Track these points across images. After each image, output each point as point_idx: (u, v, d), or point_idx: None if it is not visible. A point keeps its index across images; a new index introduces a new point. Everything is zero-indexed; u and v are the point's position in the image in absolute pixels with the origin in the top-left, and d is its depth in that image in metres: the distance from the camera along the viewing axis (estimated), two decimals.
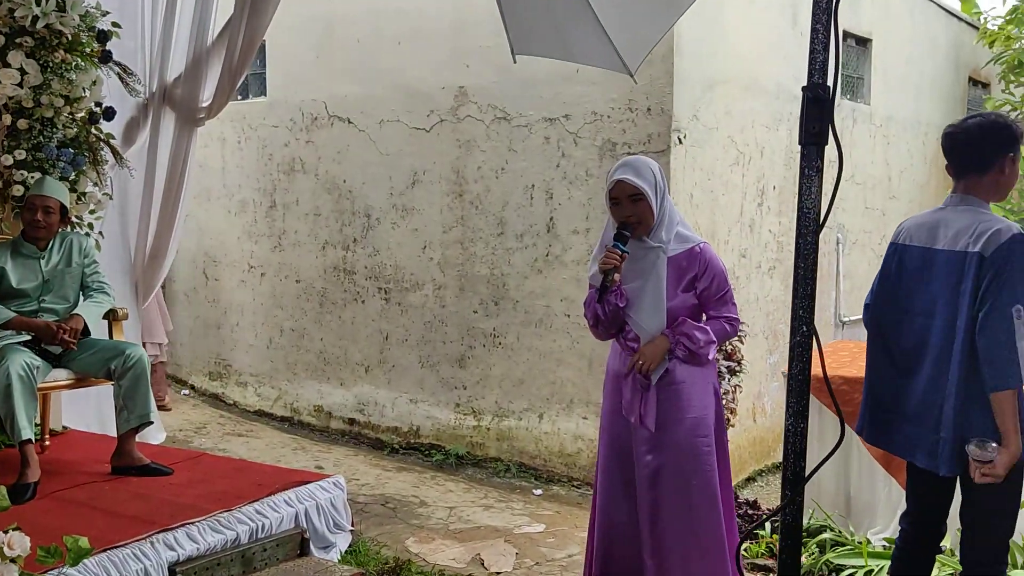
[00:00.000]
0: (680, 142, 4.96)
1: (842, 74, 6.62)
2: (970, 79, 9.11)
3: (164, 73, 5.33)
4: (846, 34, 6.65)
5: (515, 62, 3.97)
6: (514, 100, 5.45)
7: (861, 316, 7.33)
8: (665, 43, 4.79)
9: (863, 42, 6.94)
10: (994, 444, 2.59)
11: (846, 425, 4.45)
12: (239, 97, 6.67)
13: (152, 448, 4.62)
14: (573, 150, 5.25)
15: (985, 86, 9.45)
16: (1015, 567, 3.57)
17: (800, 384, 1.94)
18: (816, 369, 4.49)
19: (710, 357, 3.04)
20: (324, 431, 6.39)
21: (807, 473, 2.03)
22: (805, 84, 2.04)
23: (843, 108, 6.60)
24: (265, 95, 6.72)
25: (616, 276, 3.02)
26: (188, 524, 3.51)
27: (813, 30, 1.94)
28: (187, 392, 7.14)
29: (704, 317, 3.10)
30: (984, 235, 2.64)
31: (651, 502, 3.04)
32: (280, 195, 6.62)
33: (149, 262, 5.58)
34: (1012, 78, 8.63)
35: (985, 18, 9.03)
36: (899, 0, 7.44)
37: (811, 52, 1.96)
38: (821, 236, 6.48)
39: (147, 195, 5.47)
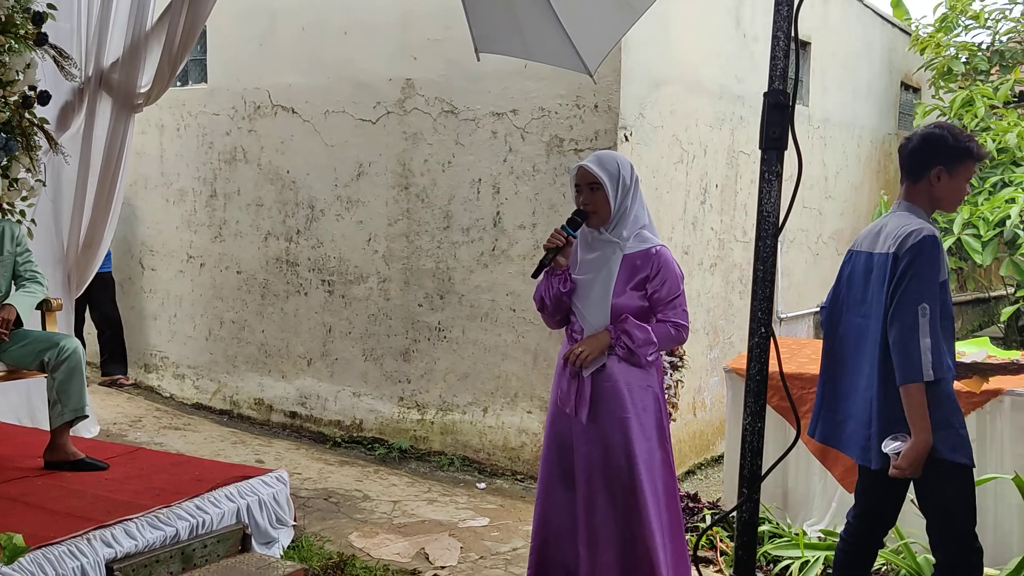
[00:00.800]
0: (626, 139, 5.01)
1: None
2: (902, 84, 9.38)
3: (101, 57, 5.19)
4: None
5: (479, 60, 3.97)
6: (462, 94, 5.44)
7: (798, 313, 7.50)
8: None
9: (802, 45, 7.09)
10: (905, 437, 2.69)
11: (784, 420, 4.55)
12: (178, 83, 6.52)
13: (86, 442, 4.51)
14: (520, 145, 5.26)
15: (916, 91, 9.74)
16: None
17: (758, 384, 1.99)
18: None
19: (650, 358, 3.03)
20: (264, 424, 6.30)
21: (763, 471, 2.08)
22: (765, 90, 2.07)
23: None
24: (206, 82, 6.58)
25: (561, 259, 3.06)
26: (126, 520, 3.44)
27: (774, 37, 1.98)
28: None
29: (653, 320, 3.10)
30: (900, 236, 2.76)
31: (586, 495, 3.07)
32: (221, 184, 6.50)
33: (82, 251, 5.43)
34: (942, 84, 8.90)
35: (917, 25, 9.30)
36: (838, 5, 7.62)
37: (772, 59, 2.01)
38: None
39: (81, 182, 5.32)
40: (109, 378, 6.84)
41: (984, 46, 8.93)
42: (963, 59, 8.69)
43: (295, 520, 4.18)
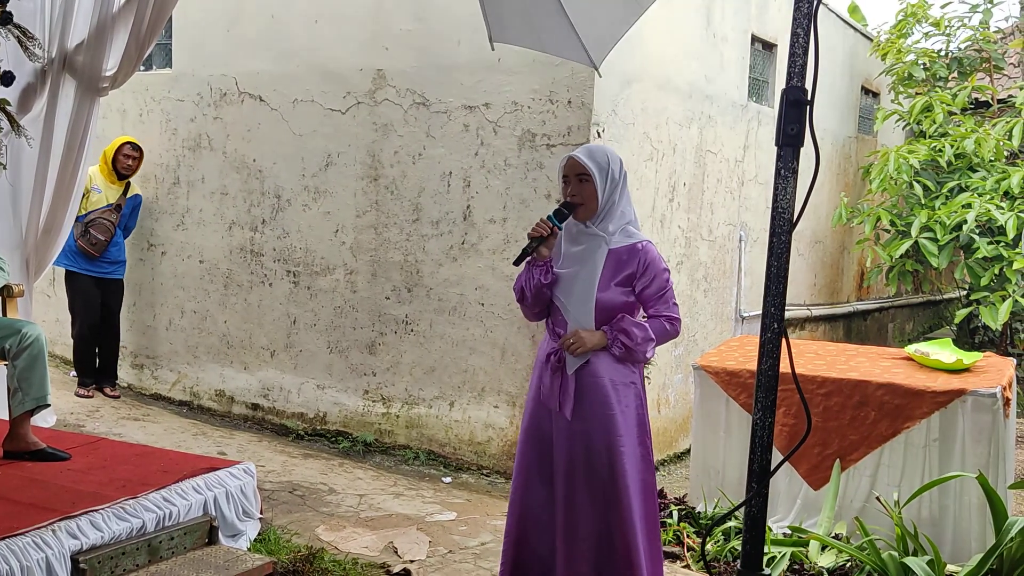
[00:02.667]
0: (599, 136, 5.03)
1: (749, 77, 6.83)
2: (863, 88, 9.54)
3: (65, 39, 5.06)
4: (754, 38, 6.86)
5: (492, 49, 3.97)
6: (434, 86, 5.41)
7: (760, 312, 7.58)
8: None
9: (769, 47, 7.17)
10: None
11: (750, 416, 4.61)
12: (142, 68, 6.36)
13: (45, 432, 4.40)
14: (492, 139, 5.25)
15: (876, 96, 9.91)
16: (909, 552, 3.78)
17: (770, 379, 2.01)
18: (724, 363, 4.63)
19: (648, 355, 3.03)
20: (226, 416, 6.21)
21: (772, 467, 2.10)
22: (785, 87, 2.07)
23: (749, 110, 6.82)
24: (170, 67, 6.45)
25: (544, 250, 3.05)
26: (91, 512, 3.38)
27: (793, 34, 2.00)
28: (76, 374, 6.81)
29: (642, 316, 3.11)
30: None
31: (566, 490, 3.06)
32: (184, 172, 6.38)
33: (42, 237, 5.29)
34: (901, 89, 9.07)
35: (878, 31, 9.47)
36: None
37: (790, 56, 2.02)
38: (724, 234, 6.66)
39: (42, 166, 5.18)
40: (88, 389, 6.37)
41: (943, 53, 9.12)
42: (923, 65, 8.86)
43: (261, 513, 4.13)
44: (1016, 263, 7.39)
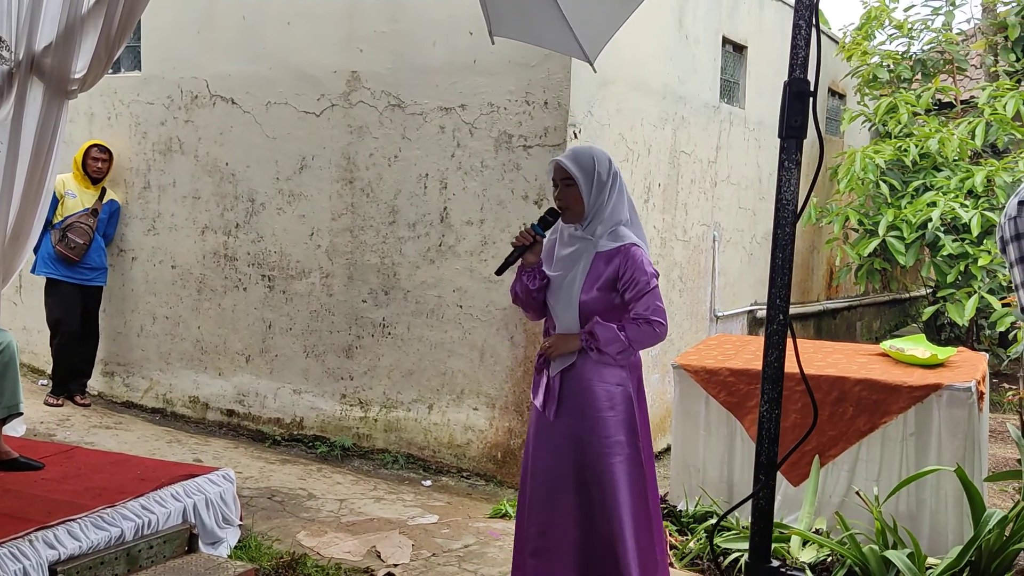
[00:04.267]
0: (576, 136, 5.04)
1: (721, 78, 6.89)
2: (829, 90, 9.67)
3: (33, 40, 4.95)
4: (725, 40, 6.93)
5: (493, 43, 3.96)
6: (409, 88, 5.38)
7: (734, 311, 7.64)
8: None
9: (739, 49, 7.24)
10: None
11: (731, 415, 4.65)
12: (110, 71, 6.28)
13: (16, 441, 4.32)
14: (469, 140, 5.24)
15: (842, 97, 10.05)
16: (888, 545, 3.82)
17: (776, 371, 2.01)
18: (703, 361, 4.65)
19: (618, 357, 2.99)
20: (200, 423, 6.13)
21: (779, 459, 2.11)
22: (787, 79, 2.06)
23: (722, 111, 6.87)
24: (139, 69, 6.36)
25: (531, 257, 3.06)
26: (69, 521, 3.32)
27: (795, 26, 2.01)
28: (45, 382, 6.68)
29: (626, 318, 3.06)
30: None
31: (546, 492, 3.05)
32: (155, 176, 6.29)
33: (10, 243, 5.17)
34: (867, 91, 9.21)
35: (843, 32, 9.60)
36: (772, 12, 7.80)
37: (792, 48, 2.03)
38: (699, 235, 6.69)
39: (9, 171, 5.06)
40: (58, 398, 6.24)
41: (907, 55, 9.27)
42: (888, 67, 9.00)
43: (241, 520, 4.08)
44: (981, 260, 7.53)
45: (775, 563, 1.98)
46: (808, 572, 3.82)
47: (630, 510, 3.01)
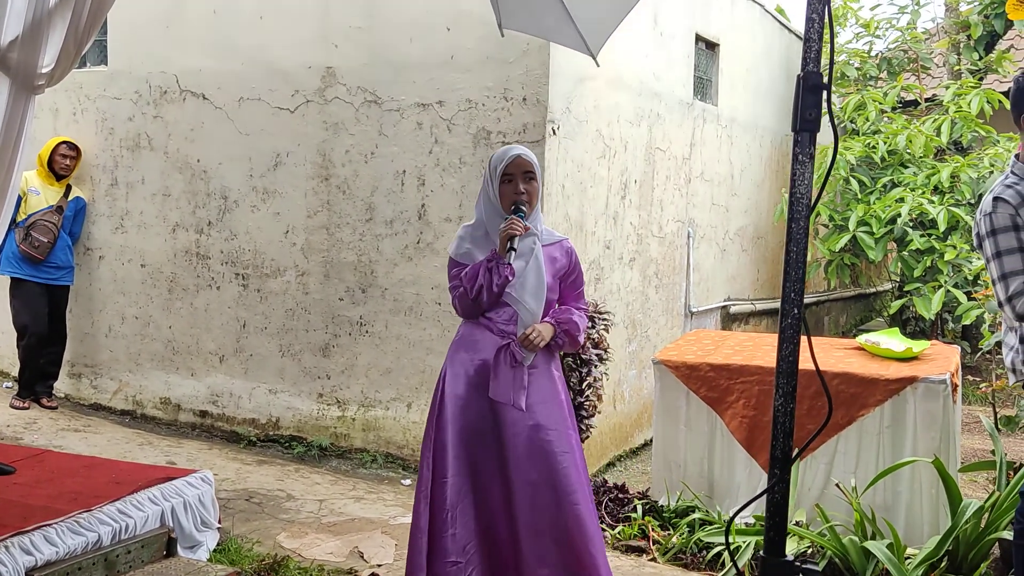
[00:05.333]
0: (554, 133, 5.03)
1: (694, 75, 6.92)
2: None
3: None
4: (698, 37, 6.96)
5: (503, 35, 3.96)
6: (386, 84, 5.33)
7: (708, 307, 7.68)
8: None
9: (712, 46, 7.28)
10: None
11: (711, 409, 4.67)
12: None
13: None
14: (447, 137, 5.20)
15: None
16: (868, 536, 3.87)
17: (790, 365, 2.01)
18: (683, 357, 4.67)
19: (577, 343, 3.24)
20: (172, 424, 6.03)
21: (795, 453, 2.10)
22: (801, 72, 2.05)
23: (695, 108, 6.90)
24: (106, 64, 6.23)
25: (517, 246, 3.10)
26: (44, 526, 3.24)
27: (808, 19, 2.00)
28: (9, 385, 6.53)
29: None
30: None
31: (520, 476, 3.08)
32: (123, 173, 6.17)
33: None
34: (834, 88, 9.32)
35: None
36: (743, 10, 7.86)
37: (805, 40, 2.02)
38: (674, 231, 6.70)
39: None
40: (25, 401, 6.08)
41: (873, 53, 9.40)
42: (855, 65, 9.11)
43: (219, 522, 4.02)
44: (947, 255, 7.65)
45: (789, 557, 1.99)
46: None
47: (587, 488, 3.17)
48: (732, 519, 2.32)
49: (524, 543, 3.07)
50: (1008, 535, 3.62)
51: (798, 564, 1.99)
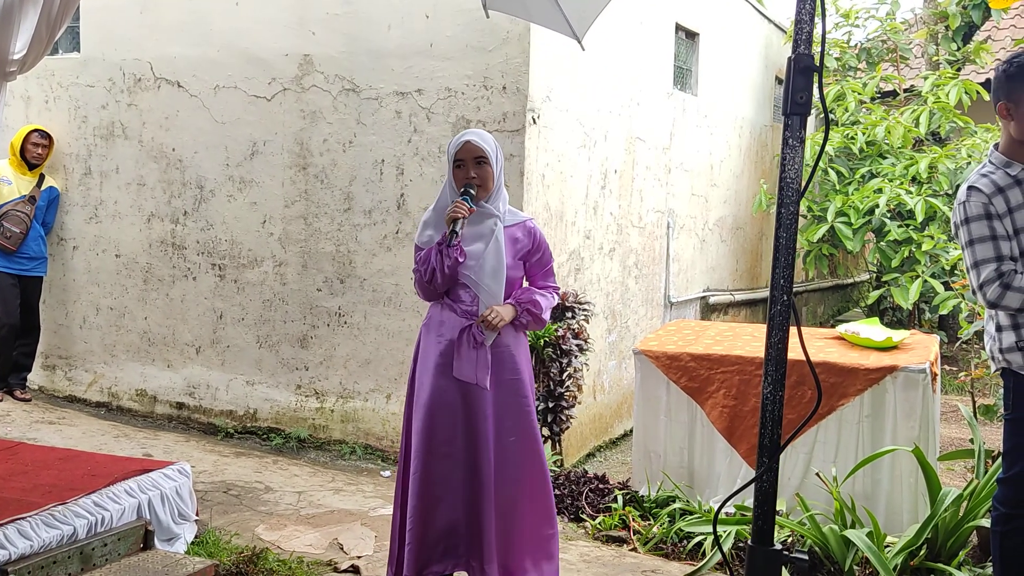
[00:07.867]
0: (535, 122, 5.00)
1: (674, 65, 6.90)
2: (777, 78, 9.78)
3: None
4: (678, 27, 6.94)
5: (488, 16, 3.93)
6: (364, 72, 5.28)
7: (687, 297, 7.69)
8: (522, 22, 4.80)
9: (692, 36, 7.27)
10: None
11: (691, 399, 4.66)
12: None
13: None
14: (426, 126, 5.16)
15: None
16: (848, 525, 3.88)
17: (779, 352, 2.00)
18: (664, 347, 4.65)
19: (541, 323, 3.30)
20: (148, 416, 5.95)
21: (783, 441, 2.09)
22: (792, 55, 2.01)
23: (675, 98, 6.89)
24: (78, 51, 6.13)
25: (460, 229, 3.14)
26: (18, 520, 3.18)
27: (799, 1, 1.98)
28: None
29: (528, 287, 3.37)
30: None
31: (494, 458, 3.17)
32: (96, 162, 6.08)
33: None
34: None
35: (791, 20, 9.72)
36: (723, 0, 7.85)
37: (797, 22, 1.99)
38: (653, 221, 6.68)
39: None
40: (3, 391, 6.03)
41: (852, 43, 9.42)
42: (834, 55, 9.14)
43: (197, 515, 3.97)
44: (925, 245, 7.70)
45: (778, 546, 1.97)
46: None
47: (543, 462, 3.29)
48: (720, 508, 2.31)
49: (488, 515, 3.15)
50: (986, 523, 3.64)
51: (786, 553, 1.98)
